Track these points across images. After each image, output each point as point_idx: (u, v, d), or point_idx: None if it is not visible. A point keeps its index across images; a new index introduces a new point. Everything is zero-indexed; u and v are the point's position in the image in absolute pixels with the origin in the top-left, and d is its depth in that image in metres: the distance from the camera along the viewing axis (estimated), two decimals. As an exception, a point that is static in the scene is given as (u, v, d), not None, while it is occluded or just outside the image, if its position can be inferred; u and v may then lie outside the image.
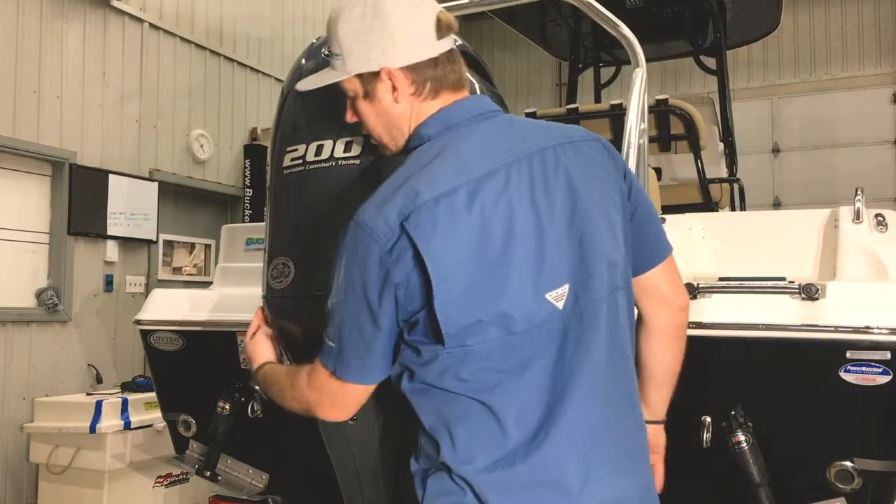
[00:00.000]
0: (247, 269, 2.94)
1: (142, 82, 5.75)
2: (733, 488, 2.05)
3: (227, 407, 2.66)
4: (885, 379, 1.93)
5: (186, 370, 2.83)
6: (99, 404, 4.43)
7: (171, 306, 2.84)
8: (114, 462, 4.41)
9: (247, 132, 6.75)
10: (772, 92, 9.69)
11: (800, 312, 2.02)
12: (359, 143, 1.76)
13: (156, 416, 4.41)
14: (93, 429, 4.37)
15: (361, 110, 1.59)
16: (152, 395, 4.27)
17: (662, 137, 3.98)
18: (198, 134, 6.21)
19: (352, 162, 1.75)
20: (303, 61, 1.95)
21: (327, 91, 1.73)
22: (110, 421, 4.43)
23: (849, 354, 1.95)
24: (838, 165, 9.18)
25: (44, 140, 5.00)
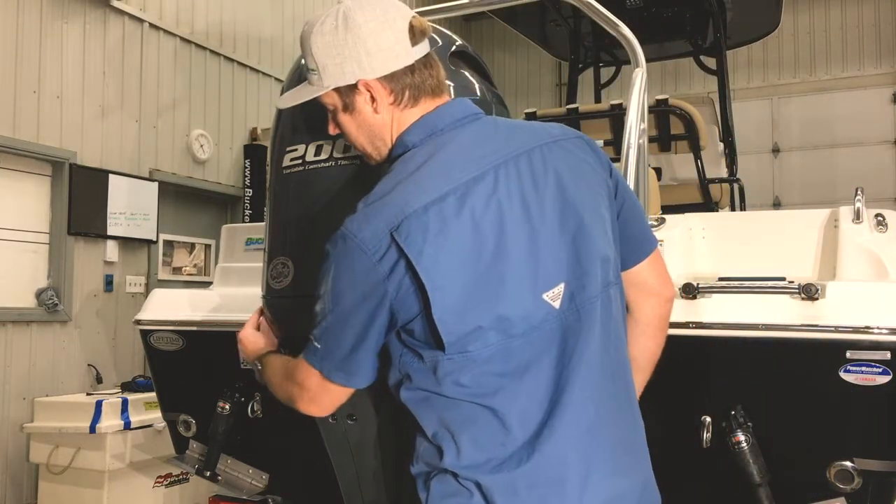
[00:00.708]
0: (247, 269, 2.94)
1: (142, 82, 5.75)
2: (733, 488, 2.05)
3: (227, 407, 2.66)
4: (885, 379, 1.92)
5: (186, 370, 2.83)
6: (99, 404, 4.43)
7: (171, 306, 2.84)
8: (114, 462, 4.41)
9: (247, 132, 6.75)
10: (772, 92, 9.69)
11: (800, 312, 2.02)
12: (359, 143, 1.76)
13: (156, 416, 4.41)
14: (93, 429, 4.37)
15: (343, 123, 1.59)
16: (152, 395, 4.27)
17: (662, 137, 3.97)
18: (198, 134, 6.21)
19: (352, 162, 1.75)
20: (303, 61, 1.95)
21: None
22: (110, 421, 4.43)
23: (849, 354, 1.95)
24: (838, 165, 9.18)
25: (44, 140, 5.00)
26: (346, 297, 1.41)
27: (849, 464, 2.01)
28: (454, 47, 1.98)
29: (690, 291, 2.12)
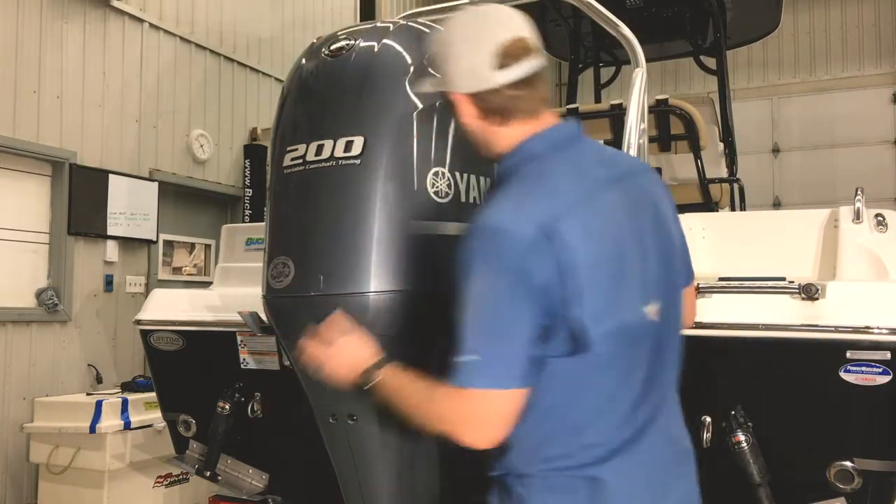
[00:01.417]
0: (247, 269, 2.94)
1: (142, 82, 5.75)
2: (733, 488, 2.05)
3: (227, 407, 2.66)
4: (885, 379, 1.93)
5: (186, 370, 2.83)
6: (99, 404, 4.43)
7: (171, 306, 2.84)
8: (114, 462, 4.41)
9: (247, 132, 6.75)
10: (772, 92, 9.69)
11: (800, 312, 2.02)
12: (359, 143, 1.76)
13: (156, 416, 4.41)
14: (93, 429, 4.37)
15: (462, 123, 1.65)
16: (152, 395, 4.26)
17: (662, 137, 3.97)
18: (198, 134, 6.21)
19: (352, 162, 1.75)
20: (303, 61, 1.95)
21: (327, 91, 1.73)
22: (110, 421, 4.43)
23: (849, 354, 1.95)
24: (838, 165, 9.18)
25: (44, 140, 5.00)
26: (503, 292, 1.43)
27: (849, 464, 2.01)
28: (454, 47, 1.98)
29: (690, 291, 2.12)
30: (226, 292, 2.85)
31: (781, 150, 9.64)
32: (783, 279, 2.22)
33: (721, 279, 2.33)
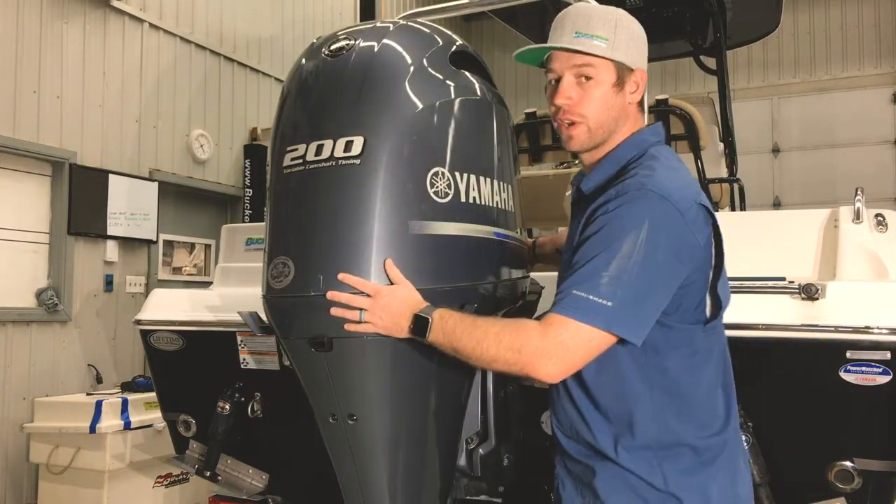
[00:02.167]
0: (247, 269, 2.94)
1: (142, 82, 5.75)
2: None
3: (227, 407, 2.66)
4: (885, 379, 1.93)
5: (186, 370, 2.83)
6: (99, 404, 4.43)
7: (171, 306, 2.84)
8: (114, 462, 4.41)
9: (247, 132, 6.75)
10: (772, 92, 9.69)
11: (800, 312, 2.02)
12: (359, 143, 1.76)
13: (156, 416, 4.41)
14: (93, 429, 4.37)
15: (599, 95, 1.69)
16: (152, 395, 4.27)
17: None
18: (198, 134, 6.21)
19: (352, 162, 1.75)
20: (303, 61, 1.95)
21: (327, 91, 1.73)
22: (110, 421, 4.43)
23: (849, 354, 1.95)
24: (838, 165, 9.18)
25: (44, 140, 5.00)
26: (663, 250, 1.52)
27: (849, 464, 2.01)
28: (454, 47, 1.98)
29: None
30: (226, 292, 2.85)
31: (781, 150, 9.64)
32: (783, 279, 2.22)
33: (721, 279, 2.32)
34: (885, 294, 2.05)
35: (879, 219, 2.39)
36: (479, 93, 1.97)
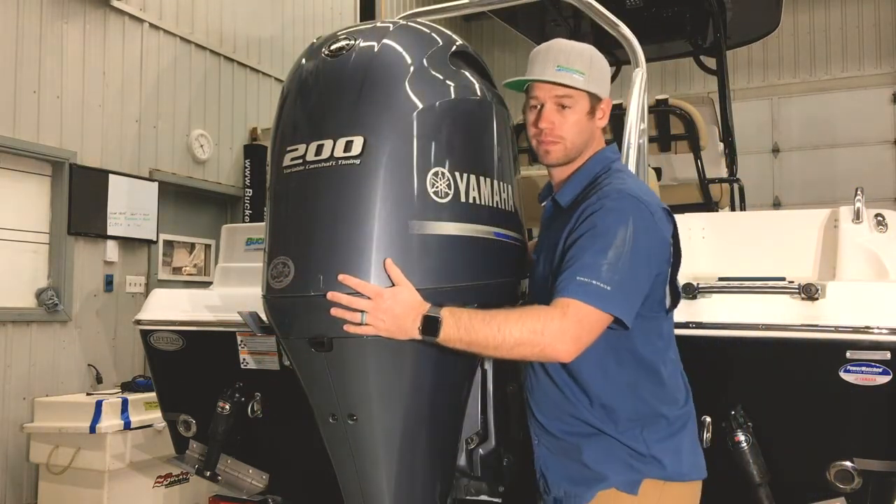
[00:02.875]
0: (247, 269, 2.94)
1: (142, 82, 5.75)
2: (733, 488, 2.05)
3: (227, 407, 2.66)
4: (885, 379, 1.93)
5: (186, 370, 2.83)
6: (99, 404, 4.43)
7: (171, 306, 2.84)
8: (114, 462, 4.41)
9: (247, 132, 6.75)
10: (772, 92, 9.69)
11: (800, 312, 2.03)
12: (358, 143, 1.76)
13: (156, 416, 4.41)
14: (93, 429, 4.37)
15: (574, 120, 1.94)
16: (152, 395, 4.27)
17: (662, 137, 3.97)
18: (198, 134, 6.21)
19: (352, 162, 1.75)
20: (303, 61, 1.95)
21: (327, 91, 1.73)
22: (110, 421, 4.43)
23: (849, 354, 1.95)
24: (838, 165, 9.18)
25: (44, 140, 5.00)
26: (643, 246, 1.75)
27: (849, 464, 2.01)
28: (454, 47, 1.98)
29: (690, 291, 2.13)
30: (226, 292, 2.85)
31: (781, 150, 9.64)
32: (783, 279, 2.22)
33: (721, 279, 2.33)
34: (885, 294, 2.05)
35: (879, 219, 2.39)
36: (479, 93, 1.97)
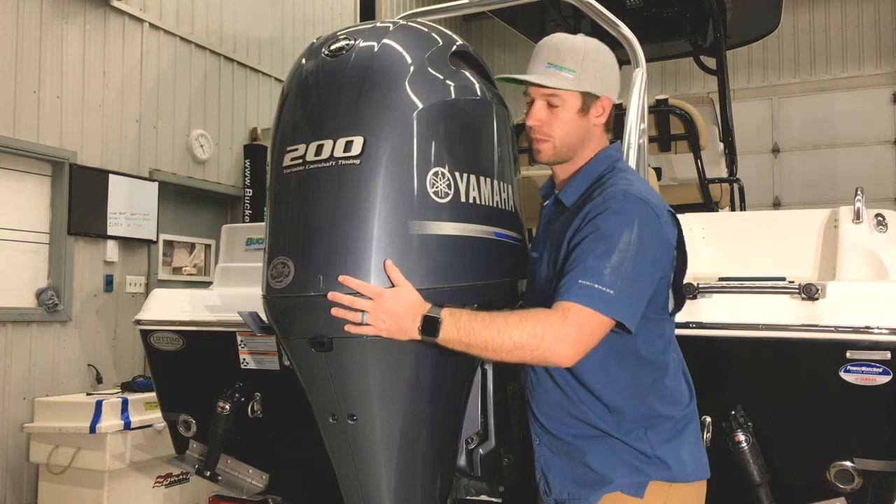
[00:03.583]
0: (247, 269, 2.94)
1: (142, 82, 5.75)
2: (733, 488, 2.05)
3: (227, 407, 2.66)
4: (885, 379, 1.93)
5: (186, 370, 2.83)
6: (99, 404, 4.43)
7: (171, 306, 2.84)
8: (114, 462, 4.41)
9: (247, 132, 6.75)
10: (772, 92, 9.69)
11: (800, 312, 2.02)
12: (358, 143, 1.76)
13: (156, 416, 4.41)
14: (93, 429, 4.37)
15: (564, 119, 1.89)
16: (152, 395, 4.27)
17: (662, 137, 3.97)
18: (198, 134, 6.21)
19: (352, 162, 1.75)
20: (303, 61, 1.95)
21: (327, 91, 1.73)
22: (110, 421, 4.43)
23: (849, 354, 1.95)
24: (838, 165, 9.18)
25: (44, 140, 5.00)
26: (648, 249, 1.72)
27: (849, 464, 2.01)
28: (454, 47, 1.98)
29: (690, 291, 2.12)
30: (226, 292, 2.85)
31: (781, 150, 9.64)
32: (783, 279, 2.22)
33: (721, 279, 2.33)
34: (885, 294, 2.05)
35: (879, 219, 2.39)
36: (479, 93, 1.97)
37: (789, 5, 6.72)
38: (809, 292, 2.02)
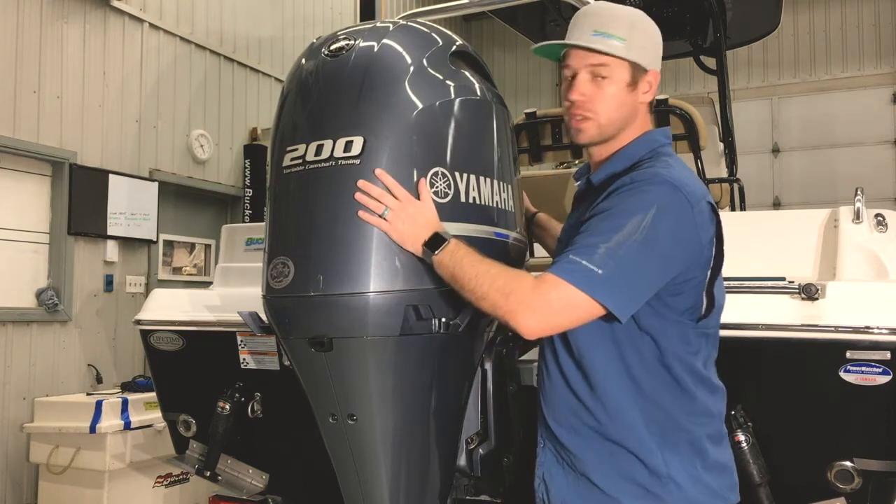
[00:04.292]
0: (247, 269, 2.94)
1: (142, 82, 5.75)
2: (733, 488, 2.05)
3: (227, 407, 2.66)
4: (885, 379, 1.93)
5: (186, 370, 2.83)
6: (99, 404, 4.43)
7: (171, 306, 2.84)
8: (114, 462, 4.41)
9: (247, 132, 6.75)
10: (772, 92, 9.69)
11: (800, 312, 2.02)
12: (358, 143, 1.76)
13: (156, 416, 4.41)
14: (93, 429, 4.37)
15: (612, 93, 1.74)
16: (152, 395, 4.27)
17: (662, 137, 3.96)
18: (198, 134, 6.21)
19: (352, 162, 1.75)
20: (302, 61, 1.95)
21: (326, 91, 1.73)
22: (110, 421, 4.43)
23: (849, 354, 1.95)
24: (838, 165, 9.18)
25: (44, 140, 5.00)
26: (664, 235, 1.57)
27: (849, 464, 2.01)
28: (454, 47, 1.98)
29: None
30: (226, 292, 2.85)
31: (781, 150, 9.64)
32: (783, 279, 2.22)
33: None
34: (885, 294, 2.05)
35: (879, 219, 2.39)
36: (479, 93, 1.97)
37: (789, 5, 6.72)
38: (809, 292, 2.01)
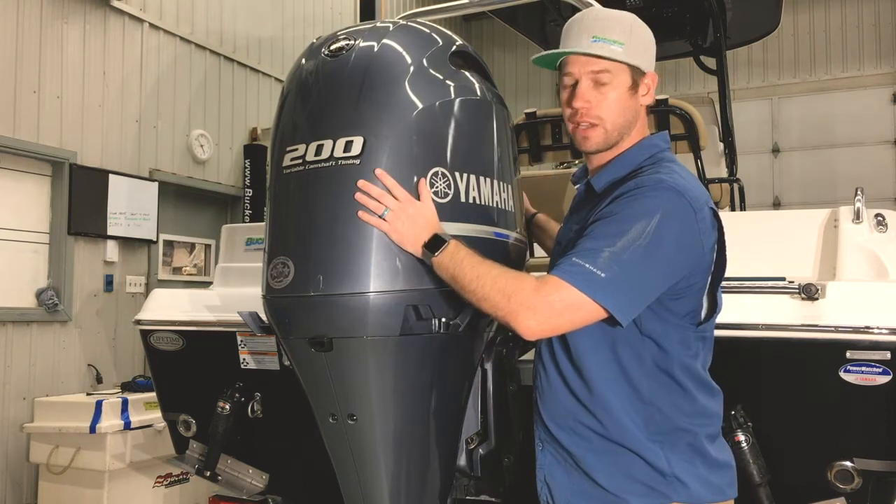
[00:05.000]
0: (247, 269, 2.94)
1: (142, 82, 5.75)
2: (733, 488, 2.05)
3: (227, 407, 2.66)
4: (885, 379, 1.93)
5: (186, 370, 2.83)
6: (99, 404, 4.43)
7: (171, 306, 2.84)
8: (114, 462, 4.41)
9: (247, 132, 6.75)
10: (772, 92, 9.69)
11: (800, 312, 2.02)
12: (358, 143, 1.76)
13: (156, 416, 4.41)
14: (93, 429, 4.37)
15: (614, 98, 1.75)
16: (152, 395, 4.27)
17: (662, 137, 3.96)
18: (198, 134, 6.21)
19: (352, 162, 1.75)
20: (302, 61, 1.95)
21: (326, 91, 1.73)
22: (110, 421, 4.43)
23: (849, 354, 1.95)
24: (838, 165, 9.18)
25: (44, 140, 5.00)
26: (668, 240, 1.58)
27: (849, 464, 2.01)
28: (454, 47, 1.98)
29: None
30: (226, 292, 2.85)
31: (781, 150, 9.64)
32: (783, 279, 2.22)
33: (721, 279, 2.32)
34: (885, 294, 2.05)
35: (879, 219, 2.39)
36: (479, 93, 1.97)
37: (789, 5, 6.72)
38: (809, 292, 2.02)
